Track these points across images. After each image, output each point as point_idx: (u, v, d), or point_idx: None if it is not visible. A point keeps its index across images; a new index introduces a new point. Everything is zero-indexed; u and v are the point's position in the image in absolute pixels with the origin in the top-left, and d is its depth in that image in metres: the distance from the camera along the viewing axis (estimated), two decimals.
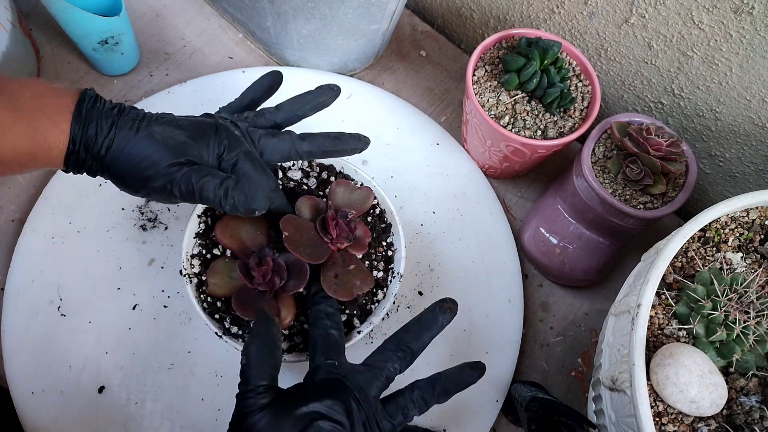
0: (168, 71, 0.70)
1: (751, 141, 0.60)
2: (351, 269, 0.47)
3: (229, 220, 0.47)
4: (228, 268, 0.47)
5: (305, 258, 0.45)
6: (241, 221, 0.48)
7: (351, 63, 0.71)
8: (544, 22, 0.68)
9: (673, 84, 0.62)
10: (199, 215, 0.50)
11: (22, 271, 0.56)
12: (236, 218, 0.47)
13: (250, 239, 0.47)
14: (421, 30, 0.78)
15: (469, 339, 0.59)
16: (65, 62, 0.69)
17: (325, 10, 0.60)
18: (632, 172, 0.55)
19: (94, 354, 0.54)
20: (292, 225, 0.46)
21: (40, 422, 0.51)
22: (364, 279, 0.47)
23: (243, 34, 0.74)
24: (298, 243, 0.45)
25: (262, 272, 0.45)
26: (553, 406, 0.47)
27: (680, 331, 0.43)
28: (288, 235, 0.45)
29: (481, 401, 0.56)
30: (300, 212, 0.48)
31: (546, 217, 0.63)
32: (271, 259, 0.45)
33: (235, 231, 0.47)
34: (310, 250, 0.46)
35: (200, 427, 0.53)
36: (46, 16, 0.70)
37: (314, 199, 0.49)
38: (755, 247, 0.48)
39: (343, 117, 0.68)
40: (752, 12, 0.50)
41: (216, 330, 0.46)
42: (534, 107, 0.59)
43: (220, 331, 0.46)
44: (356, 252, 0.48)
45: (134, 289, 0.57)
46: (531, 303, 0.63)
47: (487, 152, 0.63)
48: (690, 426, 0.41)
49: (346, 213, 0.47)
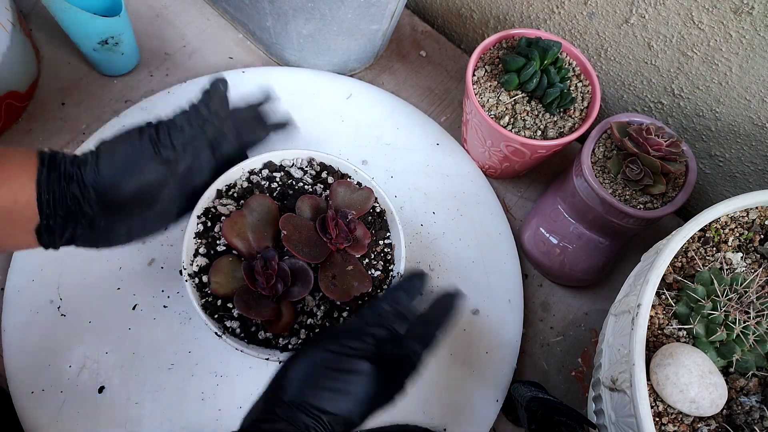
0: (168, 71, 0.70)
1: (751, 141, 0.60)
2: (349, 270, 0.47)
3: (237, 218, 0.47)
4: (231, 267, 0.47)
5: (303, 257, 0.45)
6: (248, 221, 0.47)
7: (351, 63, 0.71)
8: (544, 22, 0.68)
9: (673, 84, 0.62)
10: (198, 216, 0.50)
11: (22, 270, 0.56)
12: (243, 217, 0.47)
13: (257, 240, 0.47)
14: (421, 30, 0.78)
15: (469, 339, 0.59)
16: (65, 62, 0.69)
17: (325, 10, 0.60)
18: (632, 172, 0.55)
19: (94, 354, 0.54)
20: (292, 224, 0.46)
21: (40, 422, 0.51)
22: (362, 280, 0.47)
23: (243, 34, 0.74)
24: (296, 242, 0.45)
25: (266, 277, 0.44)
26: (553, 406, 0.47)
27: (680, 331, 0.43)
28: (287, 234, 0.45)
29: (481, 401, 0.56)
30: (300, 211, 0.48)
31: (546, 217, 0.63)
32: (276, 264, 0.45)
33: (242, 230, 0.47)
34: (309, 250, 0.46)
35: (200, 427, 0.53)
36: (46, 16, 0.70)
37: (315, 198, 0.49)
38: (755, 247, 0.48)
39: (343, 117, 0.68)
40: (752, 12, 0.50)
41: (216, 330, 0.46)
42: (534, 107, 0.59)
43: (220, 331, 0.46)
44: (355, 252, 0.48)
45: (134, 289, 0.57)
46: (531, 303, 0.63)
47: (487, 152, 0.63)
48: (690, 426, 0.41)
49: (346, 213, 0.47)
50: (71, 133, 0.65)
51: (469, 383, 0.57)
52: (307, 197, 0.49)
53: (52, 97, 0.67)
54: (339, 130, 0.67)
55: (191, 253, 0.49)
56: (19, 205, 0.36)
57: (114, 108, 0.67)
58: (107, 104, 0.67)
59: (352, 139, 0.67)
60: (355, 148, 0.66)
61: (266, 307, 0.45)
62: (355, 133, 0.67)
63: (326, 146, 0.55)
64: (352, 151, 0.66)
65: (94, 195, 0.38)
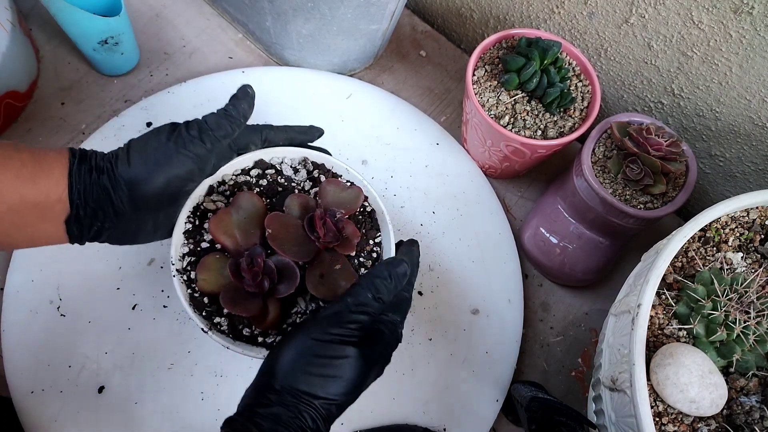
0: (168, 71, 0.70)
1: (751, 141, 0.60)
2: (337, 269, 0.47)
3: (224, 215, 0.47)
4: (218, 264, 0.46)
5: (290, 256, 0.45)
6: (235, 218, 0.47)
7: (351, 63, 0.71)
8: (544, 22, 0.68)
9: (673, 84, 0.62)
10: (189, 212, 0.49)
11: (22, 270, 0.56)
12: (230, 215, 0.47)
13: (244, 237, 0.47)
14: (421, 30, 0.78)
15: (469, 339, 0.59)
16: (65, 62, 0.69)
17: (325, 10, 0.60)
18: (632, 172, 0.55)
19: (94, 354, 0.54)
20: (278, 222, 0.46)
21: (40, 422, 0.51)
22: (350, 279, 0.47)
23: (243, 34, 0.74)
24: (283, 241, 0.45)
25: (252, 273, 0.44)
26: (553, 406, 0.47)
27: (680, 331, 0.43)
28: (272, 233, 0.45)
29: (481, 401, 0.56)
30: (289, 210, 0.48)
31: (546, 217, 0.63)
32: (262, 261, 0.45)
33: (229, 228, 0.47)
34: (297, 249, 0.45)
35: (200, 427, 0.53)
36: (46, 16, 0.70)
37: (303, 197, 0.49)
38: (755, 247, 0.48)
39: (343, 117, 0.68)
40: (752, 12, 0.50)
41: (202, 326, 0.45)
42: (534, 107, 0.59)
43: (206, 327, 0.46)
44: (344, 251, 0.48)
45: (134, 289, 0.57)
46: (531, 303, 0.63)
47: (487, 152, 0.63)
48: (690, 426, 0.41)
49: (335, 212, 0.47)
50: (71, 133, 0.65)
51: (469, 383, 0.57)
52: (296, 196, 0.49)
53: (51, 97, 0.67)
54: (339, 130, 0.67)
55: (180, 249, 0.48)
56: (51, 200, 0.38)
57: (114, 108, 0.67)
58: (107, 104, 0.67)
59: (352, 139, 0.67)
60: (354, 148, 0.66)
61: (252, 303, 0.45)
62: (354, 133, 0.67)
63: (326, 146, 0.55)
64: (352, 151, 0.66)
65: (125, 188, 0.40)
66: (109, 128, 0.63)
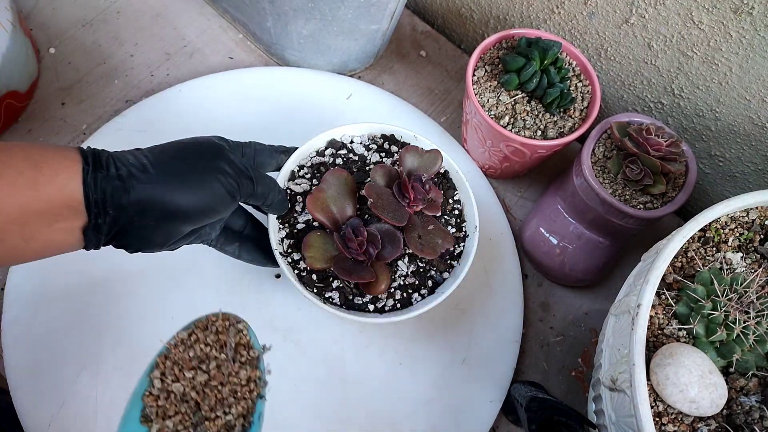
0: (169, 71, 0.70)
1: (751, 141, 0.60)
2: (431, 229, 0.49)
3: (318, 193, 0.49)
4: (321, 240, 0.49)
5: (390, 221, 0.47)
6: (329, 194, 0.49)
7: (351, 63, 0.71)
8: (544, 22, 0.68)
9: (673, 84, 0.62)
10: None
11: (22, 269, 0.56)
12: (323, 191, 0.49)
13: (340, 211, 0.49)
14: (421, 30, 0.78)
15: (469, 339, 0.59)
16: (65, 62, 0.69)
17: (325, 10, 0.60)
18: (632, 172, 0.55)
19: (94, 354, 0.54)
20: (375, 192, 0.48)
21: (40, 422, 0.51)
22: (445, 237, 0.49)
23: (243, 34, 0.74)
24: (382, 208, 0.47)
25: (359, 243, 0.47)
26: (553, 406, 0.47)
27: (680, 331, 0.43)
28: (373, 202, 0.47)
29: (480, 401, 0.56)
30: (375, 181, 0.50)
31: (546, 217, 0.63)
32: (364, 230, 0.48)
33: (325, 204, 0.49)
34: (392, 215, 0.47)
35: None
36: (46, 16, 0.70)
37: (387, 166, 0.51)
38: (755, 247, 0.48)
39: (343, 117, 0.68)
40: (752, 12, 0.50)
41: (317, 301, 0.47)
42: (534, 107, 0.59)
43: (321, 302, 0.48)
44: (431, 213, 0.50)
45: (133, 289, 0.57)
46: (531, 303, 0.63)
47: (487, 152, 0.63)
48: (690, 426, 0.41)
49: (420, 176, 0.49)
50: (71, 134, 0.65)
51: (469, 383, 0.57)
52: (379, 166, 0.51)
53: (52, 97, 0.67)
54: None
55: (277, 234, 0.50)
56: (56, 206, 0.35)
57: (115, 108, 0.67)
58: (108, 104, 0.67)
59: None
60: None
61: (366, 271, 0.47)
62: None
63: None
64: None
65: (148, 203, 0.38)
66: (110, 128, 0.63)
